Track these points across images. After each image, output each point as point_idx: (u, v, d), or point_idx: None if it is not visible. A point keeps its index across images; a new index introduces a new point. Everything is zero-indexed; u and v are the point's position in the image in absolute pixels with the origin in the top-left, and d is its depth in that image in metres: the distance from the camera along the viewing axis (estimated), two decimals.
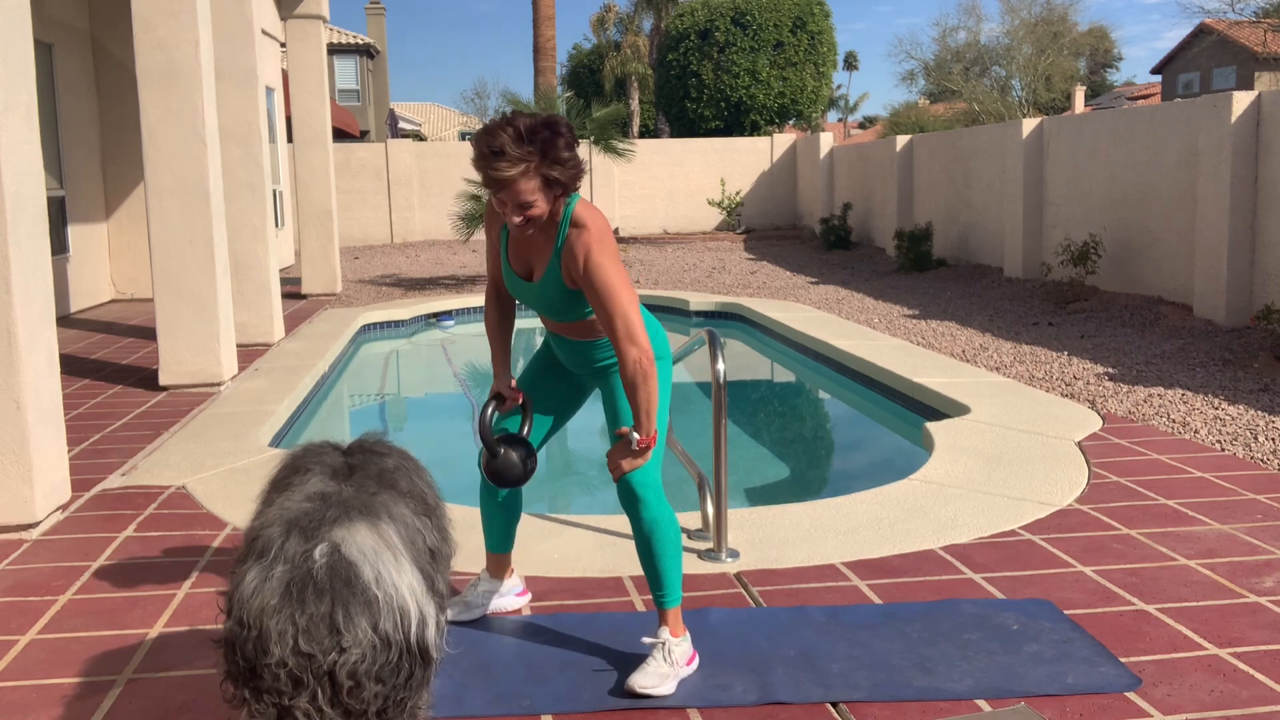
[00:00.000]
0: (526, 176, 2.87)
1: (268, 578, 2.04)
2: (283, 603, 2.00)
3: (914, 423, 6.90)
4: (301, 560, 2.05)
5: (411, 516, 2.39)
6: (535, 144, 2.85)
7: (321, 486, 2.31)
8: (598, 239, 3.00)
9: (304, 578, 2.03)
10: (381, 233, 22.14)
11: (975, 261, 14.44)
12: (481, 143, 2.86)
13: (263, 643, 1.98)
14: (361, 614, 2.02)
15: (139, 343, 9.52)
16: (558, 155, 2.87)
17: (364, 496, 2.29)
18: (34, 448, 4.50)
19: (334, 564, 2.05)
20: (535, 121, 2.88)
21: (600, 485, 6.12)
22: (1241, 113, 8.85)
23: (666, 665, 3.09)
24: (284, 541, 2.09)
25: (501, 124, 2.86)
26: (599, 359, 3.30)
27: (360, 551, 2.10)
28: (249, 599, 2.02)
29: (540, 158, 2.86)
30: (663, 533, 3.13)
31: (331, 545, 2.09)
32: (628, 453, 3.03)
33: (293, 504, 2.22)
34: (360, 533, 2.14)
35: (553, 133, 2.88)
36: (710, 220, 22.96)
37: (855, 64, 76.07)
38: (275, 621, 1.98)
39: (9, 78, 4.42)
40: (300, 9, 12.67)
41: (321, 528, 2.12)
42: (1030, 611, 3.59)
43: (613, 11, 41.27)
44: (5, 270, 4.37)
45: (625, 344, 2.95)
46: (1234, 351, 7.97)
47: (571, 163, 2.93)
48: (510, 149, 2.83)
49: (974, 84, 35.40)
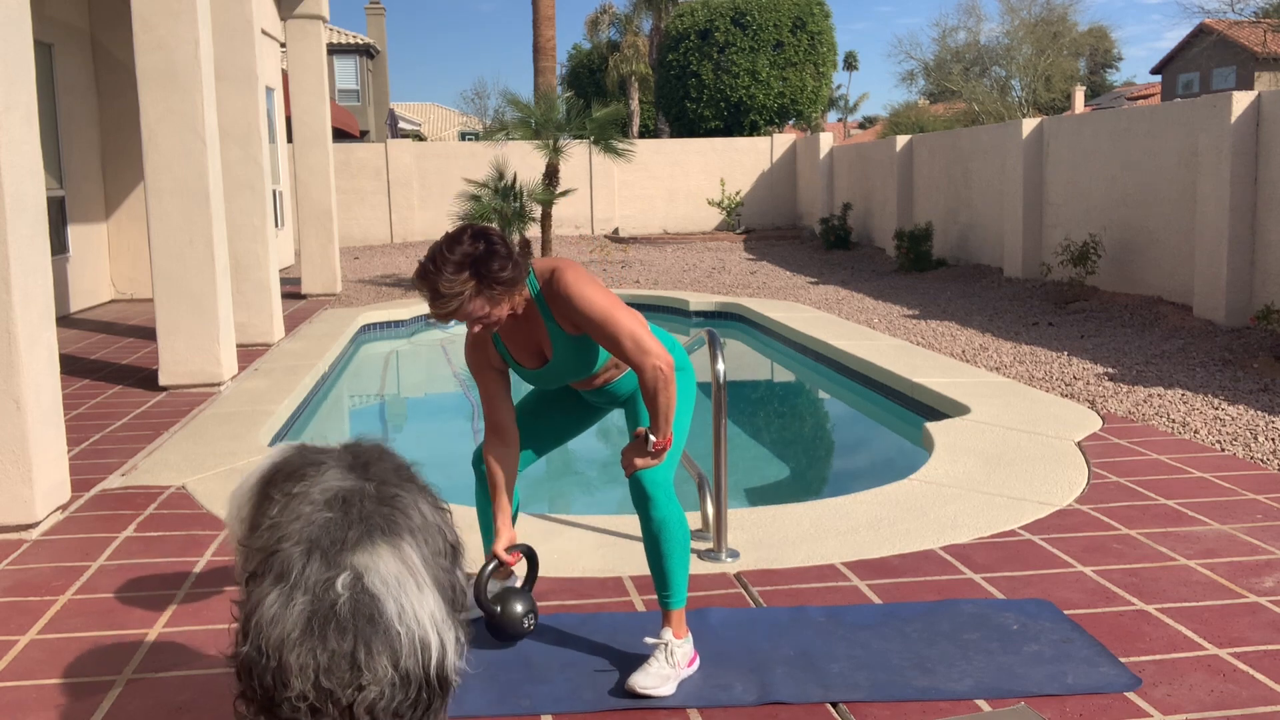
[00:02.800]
0: (470, 301, 2.89)
1: (289, 606, 2.01)
2: (304, 636, 1.98)
3: (914, 423, 6.90)
4: (323, 590, 2.02)
5: (432, 513, 2.36)
6: (469, 271, 2.86)
7: (340, 482, 2.27)
8: (573, 274, 3.03)
9: (326, 612, 2.00)
10: (381, 233, 22.14)
11: (975, 261, 14.44)
12: (422, 287, 2.90)
13: (282, 675, 1.96)
14: (383, 652, 2.00)
15: (139, 343, 9.52)
16: (494, 277, 2.88)
17: (385, 502, 2.24)
18: (34, 448, 4.50)
19: (357, 598, 2.02)
20: (465, 249, 2.86)
21: (600, 485, 6.12)
22: (1241, 113, 8.85)
23: (668, 666, 3.09)
24: (305, 565, 2.05)
25: (432, 265, 2.87)
26: (624, 391, 3.33)
27: (383, 582, 2.07)
28: (267, 627, 1.99)
29: (478, 282, 2.87)
30: (671, 533, 3.14)
31: (354, 575, 2.06)
32: (643, 452, 3.05)
33: (312, 511, 2.17)
34: (384, 559, 2.11)
35: (486, 250, 2.87)
36: (710, 220, 22.96)
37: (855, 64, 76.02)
38: (296, 655, 1.97)
39: (9, 78, 4.42)
40: (300, 9, 12.67)
41: (344, 552, 2.08)
42: (1030, 611, 3.59)
43: (608, 13, 41.26)
44: (5, 270, 4.37)
45: (639, 357, 2.97)
46: (1234, 351, 7.97)
47: (510, 277, 2.91)
48: (446, 289, 2.85)
49: (974, 84, 35.42)
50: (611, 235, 22.30)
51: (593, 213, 22.50)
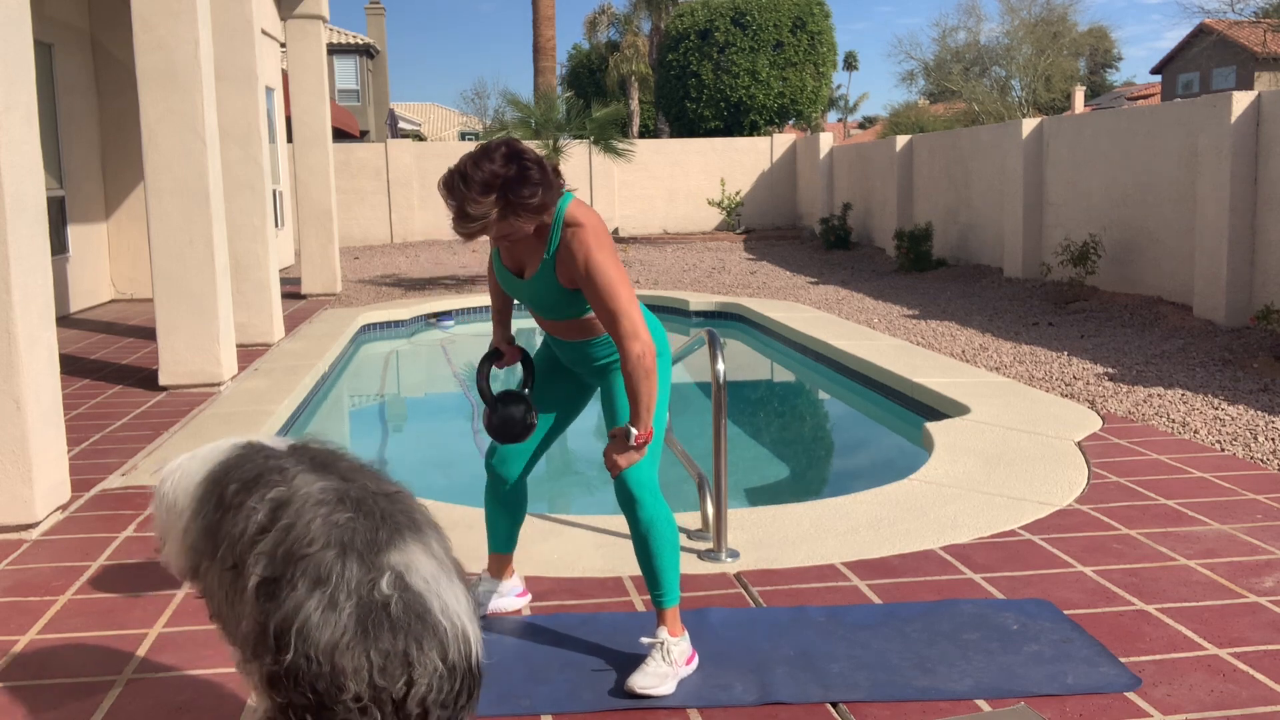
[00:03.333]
0: (496, 222, 2.88)
1: (336, 611, 2.01)
2: (356, 639, 1.99)
3: (914, 423, 6.90)
4: (369, 592, 2.04)
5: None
6: (497, 194, 2.83)
7: (325, 481, 2.26)
8: (595, 238, 3.00)
9: (379, 614, 2.02)
10: (381, 233, 22.14)
11: (975, 261, 14.44)
12: (447, 199, 2.87)
13: (337, 679, 1.97)
14: (433, 647, 2.04)
15: (139, 343, 9.52)
16: (523, 203, 2.85)
17: (393, 499, 2.25)
18: (34, 448, 4.50)
19: (405, 598, 2.05)
20: (496, 167, 2.83)
21: (600, 485, 6.12)
22: (1241, 113, 8.85)
23: (666, 665, 3.09)
24: (342, 568, 2.06)
25: (461, 180, 2.83)
26: (598, 357, 3.29)
27: (424, 580, 2.10)
28: (315, 633, 1.99)
29: (504, 205, 2.85)
30: (659, 532, 3.14)
31: (396, 575, 2.08)
32: (625, 448, 3.03)
33: (329, 512, 2.17)
34: (418, 556, 2.14)
35: (518, 173, 2.83)
36: (710, 220, 22.96)
37: (855, 64, 76.03)
38: (350, 659, 1.98)
39: (9, 78, 4.42)
40: (300, 9, 12.67)
41: (380, 553, 2.10)
42: (1030, 611, 3.59)
43: (608, 13, 41.27)
44: (5, 270, 4.36)
45: (629, 340, 2.95)
46: (1234, 352, 7.97)
47: (540, 203, 2.89)
48: (472, 209, 2.84)
49: (974, 84, 35.41)
50: (611, 235, 22.31)
51: None
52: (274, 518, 2.18)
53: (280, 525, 2.16)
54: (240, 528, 2.22)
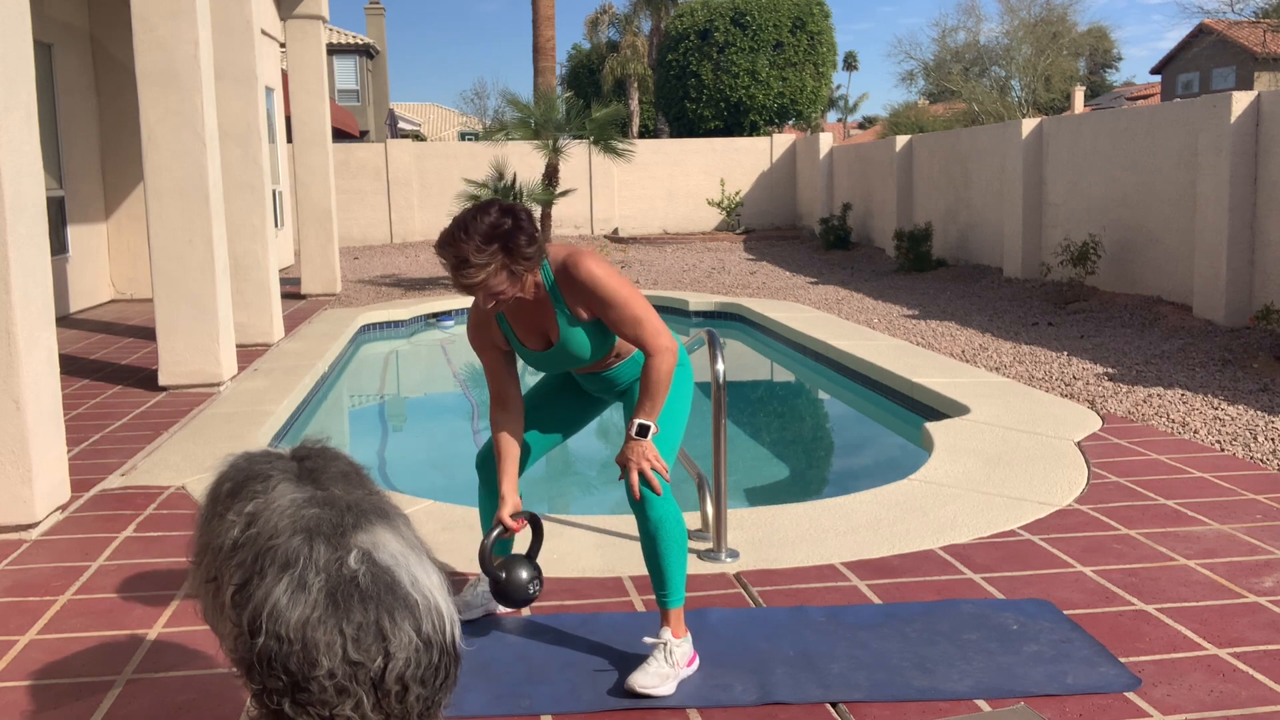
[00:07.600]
0: (495, 275, 2.93)
1: (305, 589, 2.02)
2: (327, 613, 1.99)
3: (914, 423, 6.90)
4: (337, 568, 2.04)
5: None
6: (498, 244, 2.89)
7: (298, 493, 2.26)
8: (592, 263, 3.07)
9: (348, 586, 2.02)
10: (381, 233, 22.14)
11: (975, 262, 14.44)
12: (447, 254, 2.90)
13: (309, 654, 1.96)
14: (405, 619, 2.03)
15: (139, 343, 9.52)
16: (520, 253, 2.92)
17: (371, 498, 2.28)
18: (33, 448, 4.50)
19: (373, 571, 2.05)
20: (494, 220, 2.90)
21: (600, 485, 6.12)
22: (1241, 113, 8.85)
23: (667, 666, 3.09)
24: (310, 550, 2.07)
25: (461, 233, 2.88)
26: (623, 380, 3.35)
27: (392, 556, 2.10)
28: (284, 612, 2.00)
29: (504, 255, 2.91)
30: (668, 532, 3.14)
31: (363, 552, 2.09)
32: (643, 451, 3.08)
33: (297, 509, 2.19)
34: (385, 536, 2.15)
35: (514, 226, 2.91)
36: (710, 220, 22.96)
37: (855, 64, 76.03)
38: (321, 632, 1.98)
39: (9, 78, 4.42)
40: (300, 9, 12.67)
41: (346, 535, 2.11)
42: (1030, 611, 3.59)
43: (608, 13, 41.27)
44: (5, 270, 4.37)
45: (655, 340, 3.05)
46: (1233, 351, 7.97)
47: (534, 254, 2.96)
48: (475, 258, 2.88)
49: (974, 84, 35.41)
50: (611, 235, 22.30)
51: (592, 213, 22.49)
52: (246, 532, 2.19)
53: (249, 534, 2.18)
54: (220, 540, 2.24)
